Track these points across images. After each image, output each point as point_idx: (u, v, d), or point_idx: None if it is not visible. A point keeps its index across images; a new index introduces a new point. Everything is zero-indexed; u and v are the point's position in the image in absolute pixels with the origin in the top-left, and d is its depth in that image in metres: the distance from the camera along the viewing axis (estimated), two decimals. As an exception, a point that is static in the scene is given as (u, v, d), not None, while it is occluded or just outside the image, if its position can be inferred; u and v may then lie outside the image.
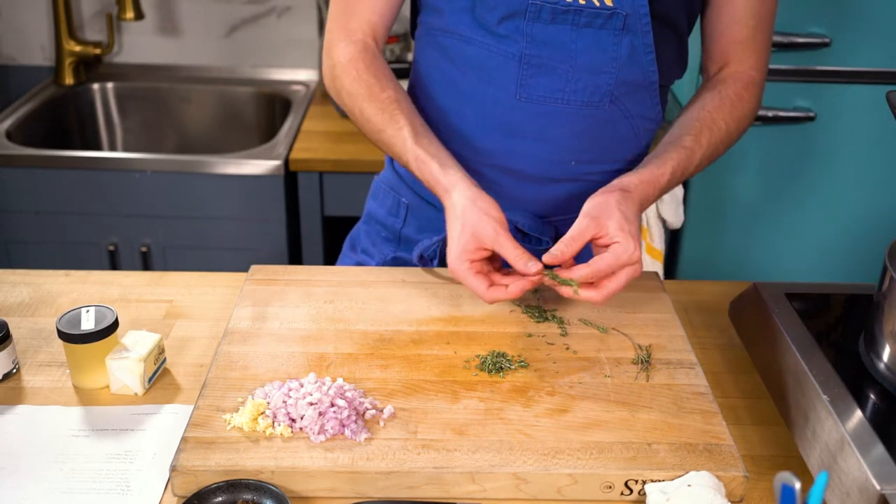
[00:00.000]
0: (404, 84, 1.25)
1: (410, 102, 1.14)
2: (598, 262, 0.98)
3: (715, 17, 1.15)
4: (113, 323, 1.00)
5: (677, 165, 1.09)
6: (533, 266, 0.99)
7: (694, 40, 1.20)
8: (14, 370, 1.02)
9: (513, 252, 0.99)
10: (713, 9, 1.15)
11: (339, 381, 0.95)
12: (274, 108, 2.43)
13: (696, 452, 0.89)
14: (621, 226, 0.99)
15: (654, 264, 1.81)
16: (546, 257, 0.99)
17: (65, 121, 2.42)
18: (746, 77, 1.16)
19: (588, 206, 1.02)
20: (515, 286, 1.00)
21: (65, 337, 0.98)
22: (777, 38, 1.78)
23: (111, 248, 2.13)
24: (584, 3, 1.04)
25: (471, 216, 1.00)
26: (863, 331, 1.01)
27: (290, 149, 2.08)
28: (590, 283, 0.99)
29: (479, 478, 0.86)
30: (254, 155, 2.06)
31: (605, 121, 1.13)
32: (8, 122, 2.18)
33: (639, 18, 1.05)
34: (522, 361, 1.01)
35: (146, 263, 2.15)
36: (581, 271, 0.98)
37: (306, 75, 2.51)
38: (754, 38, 1.15)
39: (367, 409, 0.92)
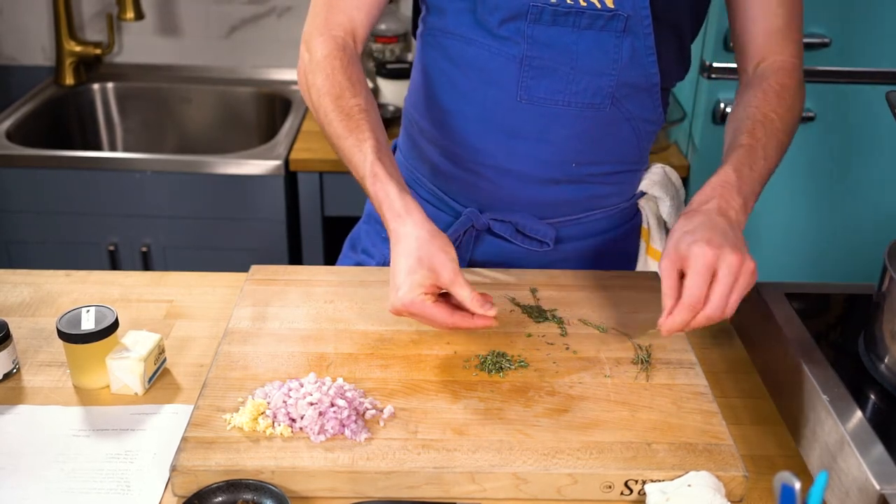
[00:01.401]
0: (404, 84, 1.25)
1: (378, 114, 1.08)
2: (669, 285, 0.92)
3: (745, 12, 1.14)
4: (113, 323, 1.00)
5: (740, 162, 1.01)
6: (491, 310, 0.95)
7: (694, 43, 1.20)
8: (14, 370, 1.02)
9: (469, 294, 0.94)
10: (741, 6, 1.14)
11: (339, 381, 0.95)
12: (274, 108, 2.43)
13: (695, 452, 0.89)
14: (700, 249, 0.91)
15: (655, 265, 1.81)
16: (665, 332, 0.92)
17: (65, 121, 2.42)
18: (788, 65, 1.13)
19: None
20: (483, 319, 0.95)
21: (65, 337, 0.98)
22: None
23: (111, 248, 2.13)
24: (584, 4, 1.04)
25: (428, 250, 0.94)
26: (862, 331, 1.01)
27: (290, 149, 2.08)
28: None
29: (479, 478, 0.86)
30: (254, 155, 2.06)
31: (606, 122, 1.13)
32: (8, 122, 2.18)
33: (640, 20, 1.05)
34: (522, 361, 1.01)
35: (146, 263, 2.15)
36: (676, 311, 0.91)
37: (298, 85, 2.50)
38: (789, 27, 1.13)
39: (367, 409, 0.92)
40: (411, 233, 0.96)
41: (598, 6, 1.04)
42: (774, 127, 1.07)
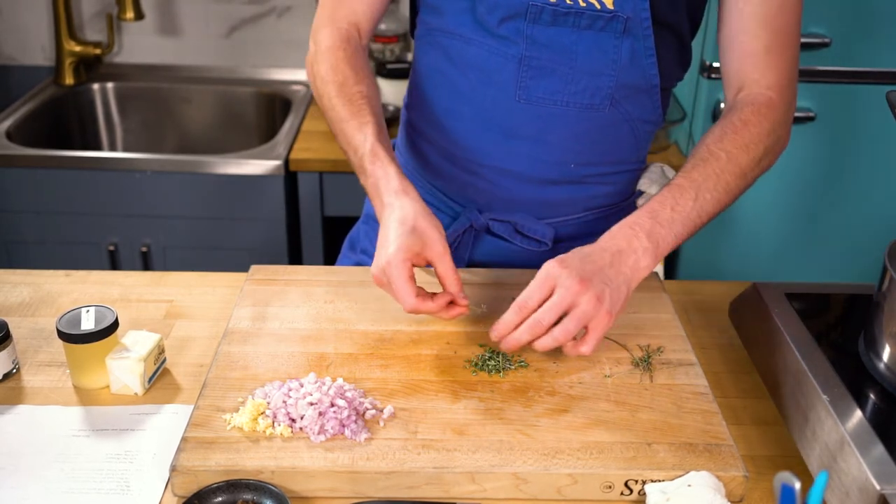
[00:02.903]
0: (404, 84, 1.25)
1: (380, 103, 1.13)
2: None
3: (724, 28, 1.09)
4: (113, 323, 1.00)
5: (661, 204, 1.00)
6: (463, 299, 0.99)
7: (694, 43, 1.20)
8: (14, 370, 1.02)
9: (453, 275, 0.98)
10: (722, 21, 1.10)
11: (339, 381, 0.95)
12: (274, 108, 2.43)
13: (696, 452, 0.89)
14: (549, 263, 0.94)
15: (654, 264, 1.81)
16: (493, 334, 0.95)
17: (65, 121, 2.42)
18: (760, 99, 1.07)
19: None
20: (441, 300, 0.98)
21: (65, 337, 0.98)
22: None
23: (111, 248, 2.13)
24: (584, 5, 1.04)
25: (424, 222, 0.97)
26: (863, 331, 1.01)
27: (290, 149, 2.08)
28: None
29: (479, 478, 0.86)
30: (254, 155, 2.06)
31: (605, 123, 1.13)
32: (8, 122, 2.18)
33: (640, 22, 1.05)
34: (522, 361, 1.01)
35: (146, 263, 2.15)
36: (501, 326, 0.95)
37: (306, 75, 2.50)
38: (768, 52, 1.06)
39: (367, 409, 0.92)
40: (409, 205, 0.98)
41: (598, 7, 1.04)
42: (718, 166, 1.02)
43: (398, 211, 0.98)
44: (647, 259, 0.97)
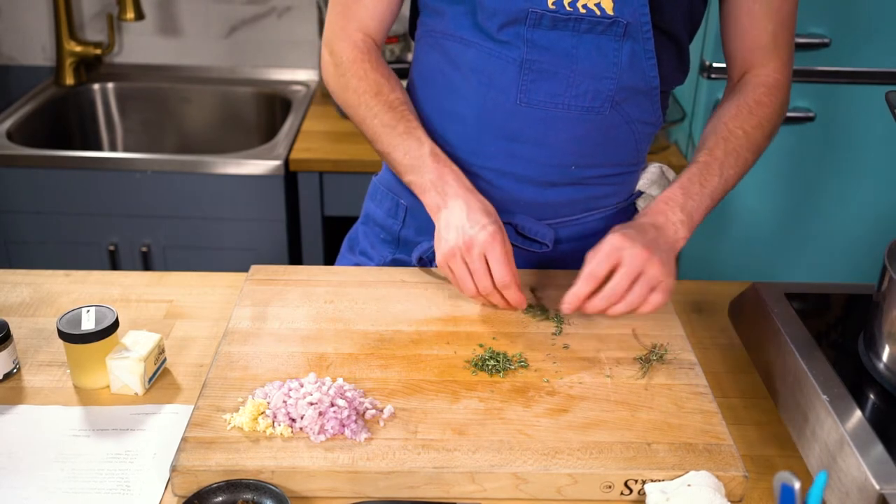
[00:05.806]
0: (403, 84, 1.25)
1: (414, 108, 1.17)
2: (587, 266, 1.02)
3: (733, 23, 1.15)
4: (113, 323, 1.00)
5: (690, 180, 1.09)
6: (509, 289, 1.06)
7: (694, 43, 1.20)
8: (14, 370, 1.02)
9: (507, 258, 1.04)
10: (730, 16, 1.15)
11: (339, 381, 0.95)
12: (274, 108, 2.43)
13: (695, 452, 0.89)
14: (612, 237, 1.02)
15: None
16: (565, 307, 1.03)
17: (65, 121, 2.42)
18: (770, 80, 1.16)
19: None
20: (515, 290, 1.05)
21: (65, 337, 0.98)
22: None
23: (111, 248, 2.13)
24: (584, 11, 1.04)
25: (494, 211, 1.07)
26: (862, 331, 1.01)
27: (290, 149, 2.08)
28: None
29: (479, 478, 0.86)
30: (254, 155, 2.06)
31: (606, 126, 1.13)
32: (8, 122, 2.18)
33: (640, 27, 1.05)
34: (522, 361, 1.02)
35: (146, 263, 2.15)
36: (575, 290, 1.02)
37: (306, 75, 2.51)
38: (775, 42, 1.15)
39: (367, 409, 0.92)
40: (483, 199, 1.08)
41: (598, 13, 1.04)
42: (738, 143, 1.12)
43: (475, 202, 1.06)
44: (684, 230, 1.06)
